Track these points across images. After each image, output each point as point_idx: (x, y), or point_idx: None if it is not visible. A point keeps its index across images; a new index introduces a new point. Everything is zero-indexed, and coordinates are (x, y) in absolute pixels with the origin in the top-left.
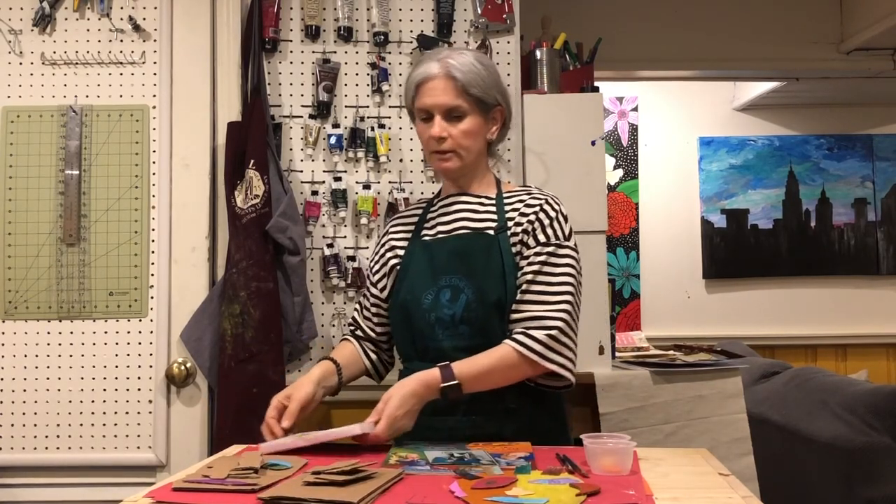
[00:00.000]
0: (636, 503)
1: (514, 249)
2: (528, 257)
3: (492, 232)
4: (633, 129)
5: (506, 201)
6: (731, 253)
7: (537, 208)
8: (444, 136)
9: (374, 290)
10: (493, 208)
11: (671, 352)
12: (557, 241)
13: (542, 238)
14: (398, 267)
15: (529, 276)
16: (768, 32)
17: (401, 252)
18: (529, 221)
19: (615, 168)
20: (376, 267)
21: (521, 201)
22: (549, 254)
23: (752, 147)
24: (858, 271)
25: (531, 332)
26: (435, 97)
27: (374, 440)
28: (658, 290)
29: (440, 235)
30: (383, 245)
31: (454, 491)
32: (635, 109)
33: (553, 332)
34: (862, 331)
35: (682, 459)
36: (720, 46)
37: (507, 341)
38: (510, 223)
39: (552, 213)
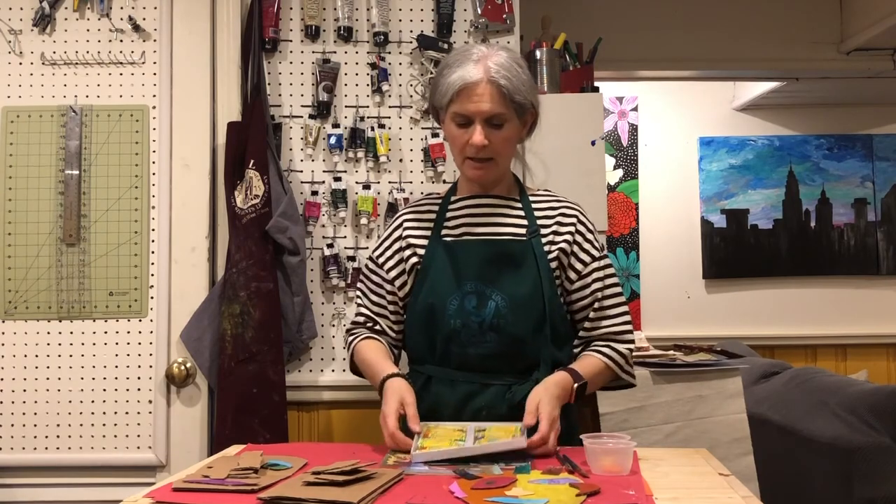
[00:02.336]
0: (636, 503)
1: (549, 255)
2: (587, 274)
3: (524, 237)
4: (633, 129)
5: (533, 205)
6: (731, 253)
7: (574, 220)
8: (486, 145)
9: (389, 287)
10: (522, 212)
11: (671, 352)
12: (602, 254)
13: (594, 252)
14: (418, 267)
15: (598, 294)
16: (768, 32)
17: (420, 251)
18: (571, 234)
19: (615, 168)
20: (391, 263)
21: (551, 209)
22: (603, 268)
23: (752, 147)
24: (858, 271)
25: (616, 346)
26: (479, 104)
27: (540, 444)
28: (658, 290)
29: (466, 237)
30: (399, 239)
31: (454, 491)
32: (635, 109)
33: (632, 347)
34: (862, 331)
35: (682, 459)
36: (720, 46)
37: (596, 353)
38: (544, 229)
39: (589, 226)
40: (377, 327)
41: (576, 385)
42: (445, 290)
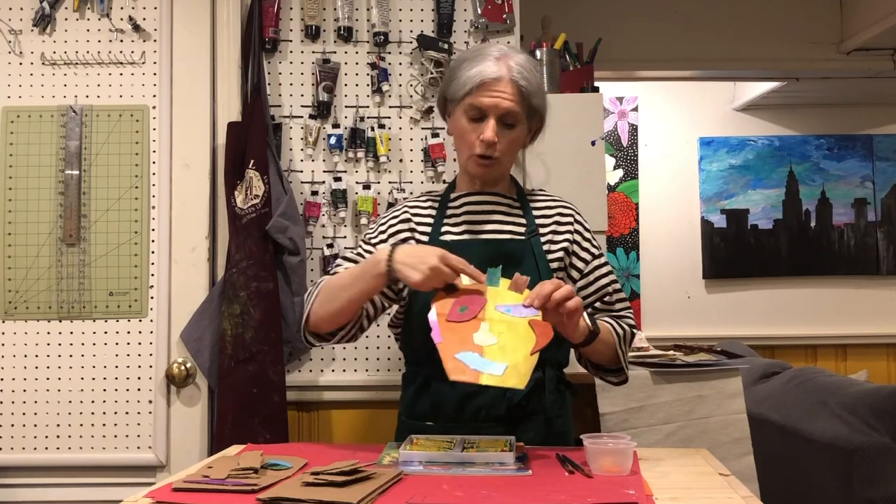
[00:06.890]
0: (636, 503)
1: (549, 256)
2: (590, 272)
3: (523, 236)
4: (633, 129)
5: (531, 205)
6: (731, 253)
7: (571, 219)
8: (495, 142)
9: None
10: (520, 210)
11: (671, 352)
12: (600, 253)
13: (593, 251)
14: None
15: (607, 289)
16: (768, 32)
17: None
18: (570, 233)
19: (615, 168)
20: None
21: (549, 208)
22: (604, 265)
23: (752, 147)
24: (858, 271)
25: (621, 322)
26: (498, 100)
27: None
28: (658, 290)
29: (466, 236)
30: (404, 223)
31: (432, 327)
32: (635, 109)
33: (635, 331)
34: (862, 331)
35: (682, 459)
36: (720, 46)
37: (602, 320)
38: (542, 229)
39: (586, 225)
40: None
41: (591, 329)
42: None
